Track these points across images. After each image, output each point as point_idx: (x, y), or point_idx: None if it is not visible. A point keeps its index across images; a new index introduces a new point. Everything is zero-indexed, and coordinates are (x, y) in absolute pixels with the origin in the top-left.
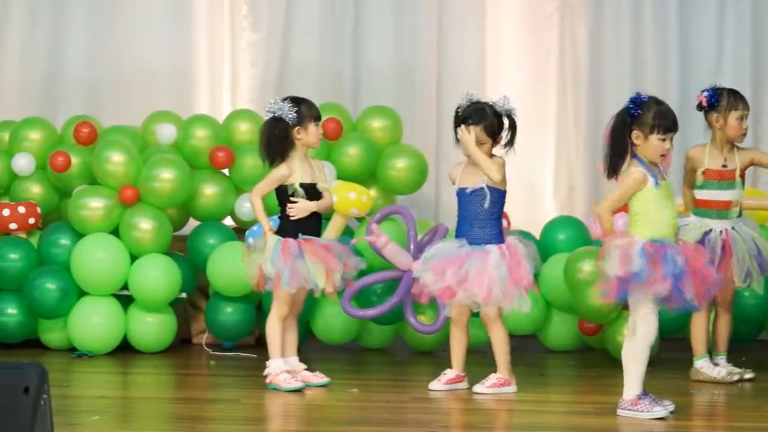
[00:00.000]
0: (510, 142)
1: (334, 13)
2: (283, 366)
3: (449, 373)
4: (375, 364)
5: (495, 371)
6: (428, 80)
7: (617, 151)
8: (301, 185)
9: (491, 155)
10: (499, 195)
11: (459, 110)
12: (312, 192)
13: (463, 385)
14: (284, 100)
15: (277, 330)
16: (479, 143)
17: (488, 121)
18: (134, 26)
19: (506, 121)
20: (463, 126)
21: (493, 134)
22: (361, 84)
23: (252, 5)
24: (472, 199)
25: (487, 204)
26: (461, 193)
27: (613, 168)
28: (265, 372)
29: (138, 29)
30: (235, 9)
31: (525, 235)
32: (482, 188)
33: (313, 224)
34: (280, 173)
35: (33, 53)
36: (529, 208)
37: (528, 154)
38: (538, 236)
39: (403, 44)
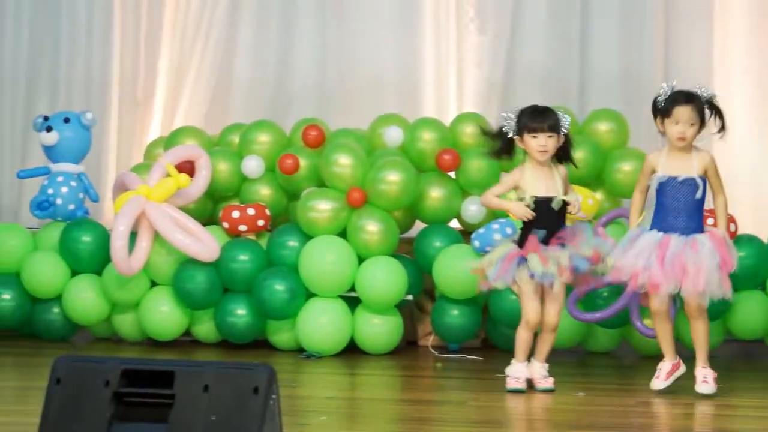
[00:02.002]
0: (722, 128)
1: (560, 16)
2: (524, 371)
3: (665, 366)
4: (601, 367)
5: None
6: (655, 86)
7: None
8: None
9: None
10: (705, 185)
11: (659, 100)
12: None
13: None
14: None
15: (524, 335)
16: (691, 124)
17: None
18: (362, 29)
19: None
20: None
21: (702, 119)
22: (587, 87)
23: (478, 8)
24: (682, 189)
25: (699, 194)
26: (669, 183)
27: None
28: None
29: (365, 32)
30: (462, 11)
31: None
32: (694, 178)
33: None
34: (512, 178)
35: (262, 57)
36: (755, 210)
37: (759, 160)
38: (766, 239)
39: (629, 48)
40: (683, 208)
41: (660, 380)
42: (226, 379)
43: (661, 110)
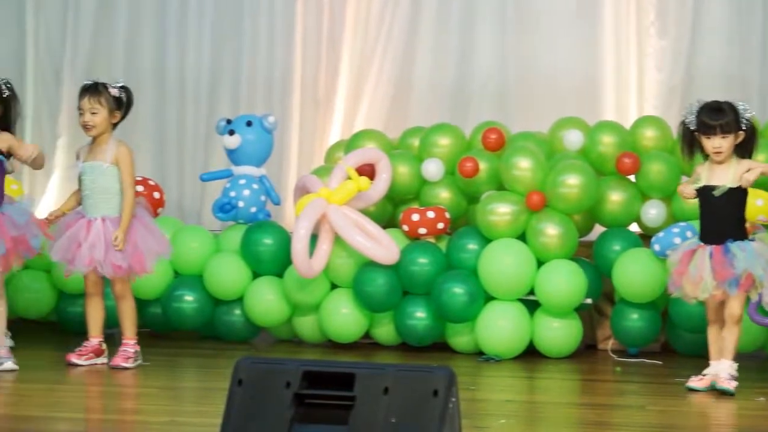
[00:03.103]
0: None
1: (741, 17)
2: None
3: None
4: None
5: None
6: None
7: None
8: (703, 188)
9: None
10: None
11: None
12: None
13: None
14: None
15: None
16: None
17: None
18: (542, 32)
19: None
20: None
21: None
22: None
23: (659, 11)
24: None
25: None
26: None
27: None
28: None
29: (545, 35)
30: (642, 15)
31: None
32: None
33: None
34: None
35: (442, 60)
36: None
37: None
38: None
39: None
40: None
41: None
42: (405, 381)
43: None
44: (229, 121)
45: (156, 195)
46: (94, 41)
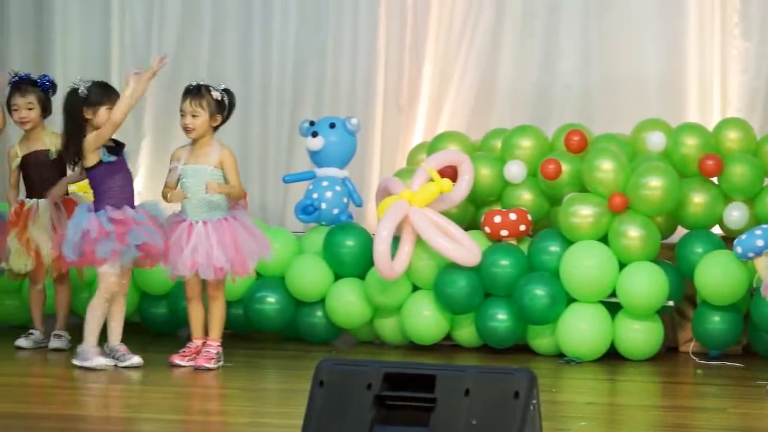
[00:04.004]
0: None
1: None
2: None
3: None
4: None
5: None
6: None
7: None
8: None
9: None
10: None
11: None
12: None
13: None
14: None
15: None
16: None
17: None
18: (625, 34)
19: None
20: None
21: None
22: None
23: (743, 13)
24: None
25: None
26: None
27: None
28: None
29: (628, 37)
30: (726, 17)
31: None
32: None
33: None
34: None
35: (525, 62)
36: None
37: None
38: None
39: None
40: None
41: None
42: (486, 383)
43: None
44: (312, 123)
45: None
46: (179, 42)
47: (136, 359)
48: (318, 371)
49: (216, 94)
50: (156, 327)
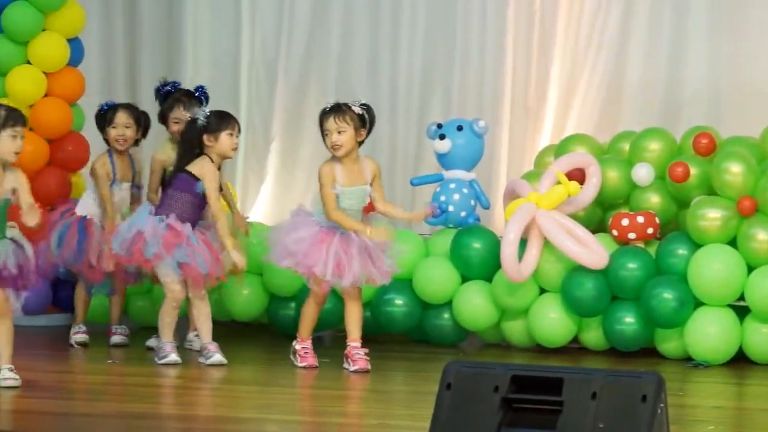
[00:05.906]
0: None
1: None
2: None
3: None
4: None
5: None
6: None
7: None
8: None
9: None
10: None
11: None
12: None
13: None
14: None
15: None
16: None
17: None
18: (755, 38)
19: None
20: None
21: None
22: None
23: None
24: None
25: None
26: None
27: None
28: None
29: (758, 41)
30: None
31: None
32: None
33: None
34: None
35: (654, 64)
36: None
37: None
38: None
39: None
40: None
41: None
42: (614, 386)
43: None
44: (439, 125)
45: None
46: (308, 47)
47: (217, 358)
48: (445, 374)
49: (356, 110)
50: (284, 329)
